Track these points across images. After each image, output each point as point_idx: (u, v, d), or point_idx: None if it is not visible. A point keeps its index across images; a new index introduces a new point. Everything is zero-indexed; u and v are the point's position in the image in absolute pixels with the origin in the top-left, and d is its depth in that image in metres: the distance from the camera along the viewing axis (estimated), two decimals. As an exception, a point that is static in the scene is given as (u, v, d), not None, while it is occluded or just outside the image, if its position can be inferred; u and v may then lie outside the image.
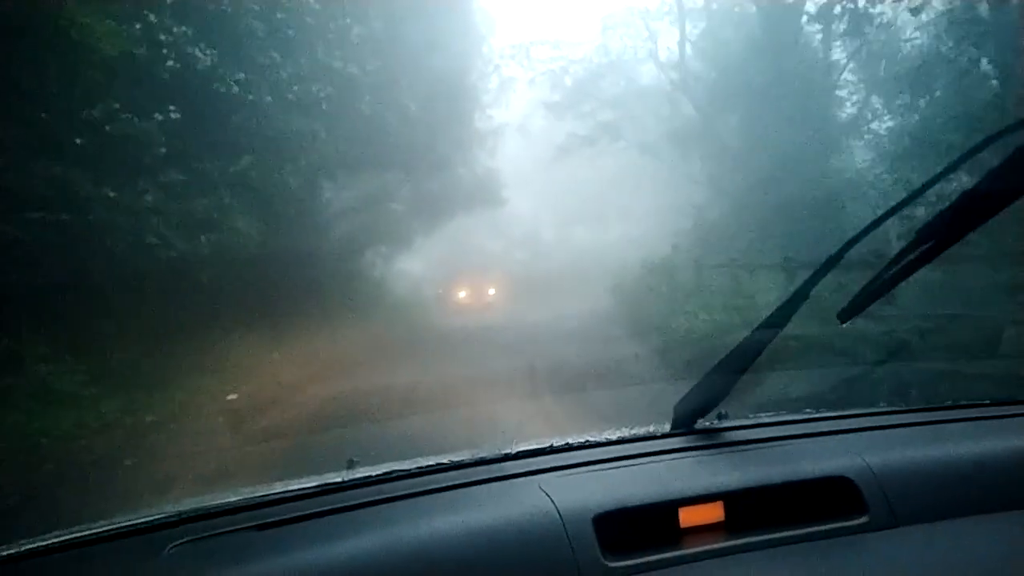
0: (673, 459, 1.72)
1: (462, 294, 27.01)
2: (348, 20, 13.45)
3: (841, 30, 18.48)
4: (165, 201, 10.80)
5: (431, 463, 1.72)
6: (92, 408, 8.45)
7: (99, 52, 9.74)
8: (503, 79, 24.28)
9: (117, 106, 10.39)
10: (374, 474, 1.69)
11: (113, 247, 10.35)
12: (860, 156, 19.07)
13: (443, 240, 28.41)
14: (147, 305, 10.88)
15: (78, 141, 9.31)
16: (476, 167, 25.44)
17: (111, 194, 10.30)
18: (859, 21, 18.48)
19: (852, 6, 18.32)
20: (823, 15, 18.39)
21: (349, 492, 1.62)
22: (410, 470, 1.70)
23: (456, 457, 1.75)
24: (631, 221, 26.90)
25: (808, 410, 2.04)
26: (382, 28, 15.55)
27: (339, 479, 1.67)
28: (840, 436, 1.80)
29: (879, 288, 1.63)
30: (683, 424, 1.84)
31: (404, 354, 13.81)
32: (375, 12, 15.09)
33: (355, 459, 1.80)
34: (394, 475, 1.68)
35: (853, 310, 1.68)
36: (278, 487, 1.66)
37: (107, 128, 10.28)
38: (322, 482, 1.66)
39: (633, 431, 1.88)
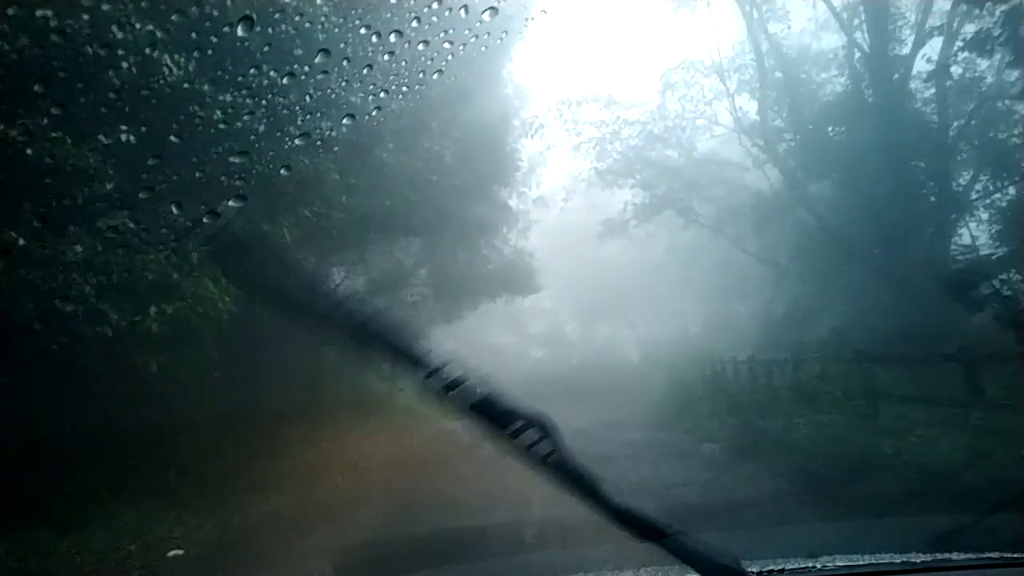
0: None
1: None
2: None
3: (955, 86, 15.73)
4: (102, 254, 7.56)
5: None
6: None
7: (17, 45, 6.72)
8: (547, 141, 21.42)
9: (45, 122, 7.30)
10: None
11: (18, 319, 7.06)
12: (981, 235, 15.99)
13: (466, 332, 25.29)
14: (65, 404, 7.52)
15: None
16: (507, 245, 22.42)
17: (21, 241, 7.08)
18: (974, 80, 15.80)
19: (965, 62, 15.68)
20: (936, 73, 15.65)
21: None
22: None
23: None
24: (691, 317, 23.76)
25: None
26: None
27: None
28: None
29: None
30: None
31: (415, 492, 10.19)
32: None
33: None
34: None
35: None
36: None
37: (28, 152, 7.16)
38: None
39: None
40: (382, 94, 8.17)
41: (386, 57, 6.98)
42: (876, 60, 16.01)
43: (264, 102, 7.84)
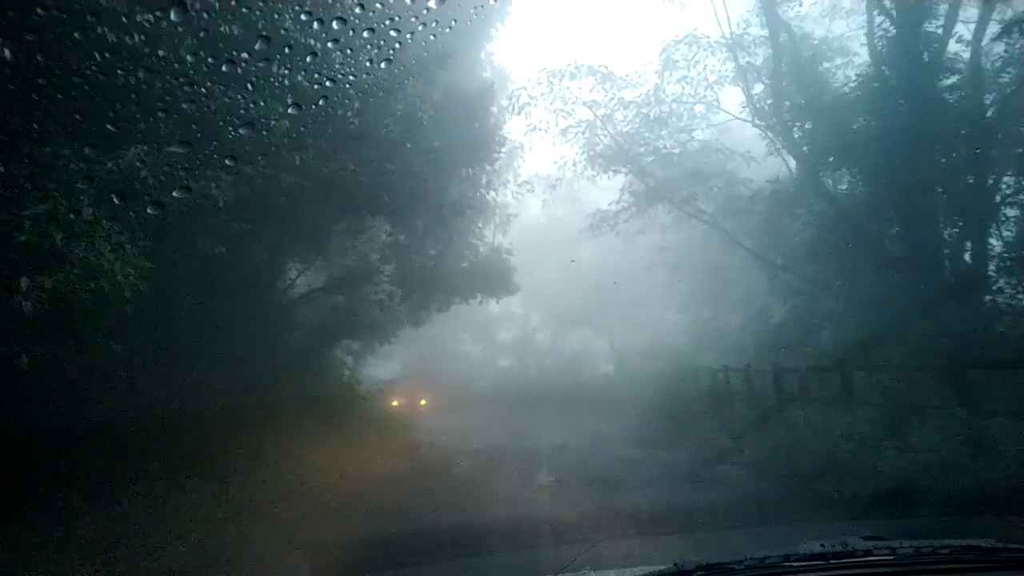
0: None
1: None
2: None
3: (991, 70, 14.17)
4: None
5: None
6: None
7: None
8: (533, 121, 19.48)
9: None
10: None
11: None
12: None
13: (436, 336, 23.43)
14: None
15: None
16: (483, 243, 20.54)
17: None
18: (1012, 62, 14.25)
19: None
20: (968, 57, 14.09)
21: None
22: None
23: None
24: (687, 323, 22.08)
25: None
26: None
27: None
28: None
29: None
30: None
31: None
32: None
33: None
34: None
35: None
36: None
37: None
38: None
39: None
40: (328, 82, 7.78)
41: (331, 44, 6.89)
42: (902, 40, 14.42)
43: (203, 90, 6.86)
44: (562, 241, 25.03)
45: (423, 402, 25.48)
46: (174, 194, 6.47)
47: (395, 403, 23.80)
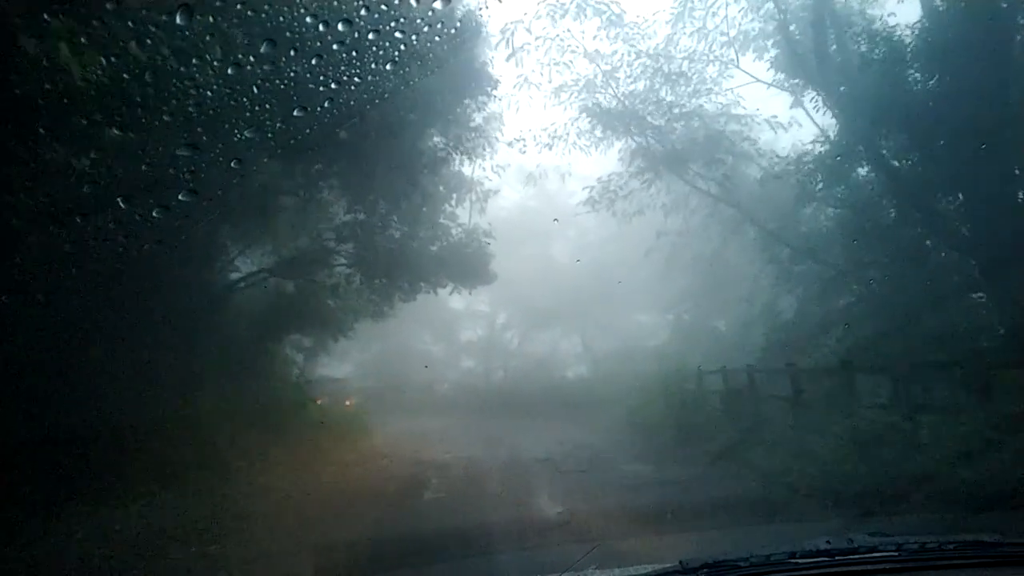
0: None
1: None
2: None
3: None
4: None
5: None
6: None
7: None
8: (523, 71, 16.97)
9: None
10: None
11: None
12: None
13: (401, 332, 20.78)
14: None
15: None
16: (456, 224, 17.99)
17: None
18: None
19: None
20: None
21: None
22: None
23: None
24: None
25: None
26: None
27: None
28: None
29: None
30: None
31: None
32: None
33: None
34: None
35: None
36: None
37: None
38: None
39: None
40: (333, 85, 7.65)
41: (336, 47, 6.98)
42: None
43: (209, 93, 6.95)
44: (546, 223, 22.44)
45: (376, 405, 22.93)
46: (180, 197, 6.52)
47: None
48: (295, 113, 7.25)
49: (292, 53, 6.83)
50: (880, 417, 9.61)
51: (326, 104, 8.01)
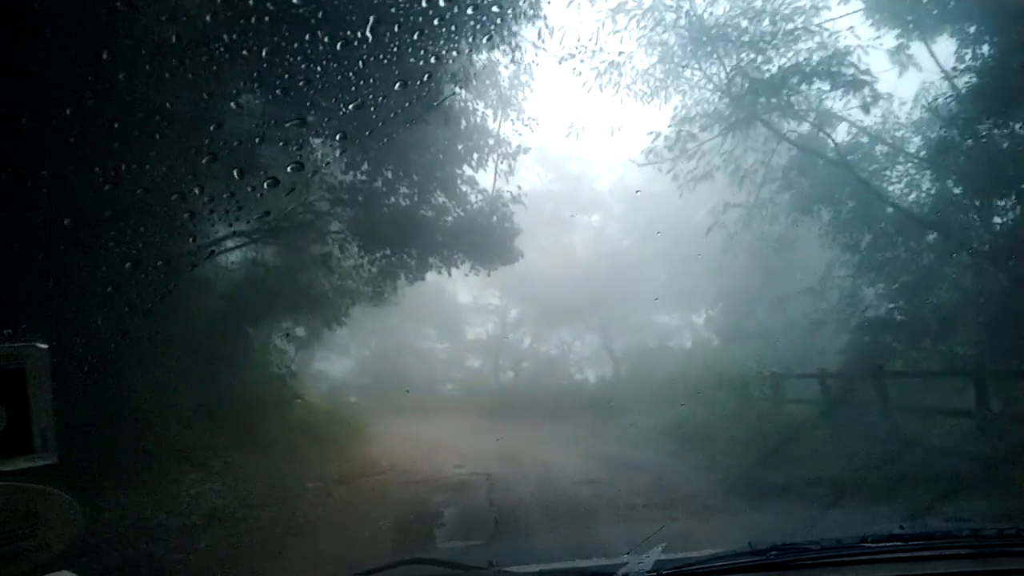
0: None
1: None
2: None
3: None
4: None
5: None
6: None
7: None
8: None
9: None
10: None
11: None
12: None
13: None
14: None
15: None
16: (474, 189, 15.16)
17: None
18: None
19: None
20: None
21: None
22: None
23: None
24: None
25: None
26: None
27: None
28: None
29: None
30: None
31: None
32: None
33: None
34: None
35: None
36: None
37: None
38: None
39: None
40: (433, 59, 8.16)
41: (436, 22, 7.23)
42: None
43: (319, 69, 6.78)
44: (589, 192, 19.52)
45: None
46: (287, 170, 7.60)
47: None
48: (395, 87, 7.35)
49: (396, 28, 7.02)
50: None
51: (425, 78, 8.37)
